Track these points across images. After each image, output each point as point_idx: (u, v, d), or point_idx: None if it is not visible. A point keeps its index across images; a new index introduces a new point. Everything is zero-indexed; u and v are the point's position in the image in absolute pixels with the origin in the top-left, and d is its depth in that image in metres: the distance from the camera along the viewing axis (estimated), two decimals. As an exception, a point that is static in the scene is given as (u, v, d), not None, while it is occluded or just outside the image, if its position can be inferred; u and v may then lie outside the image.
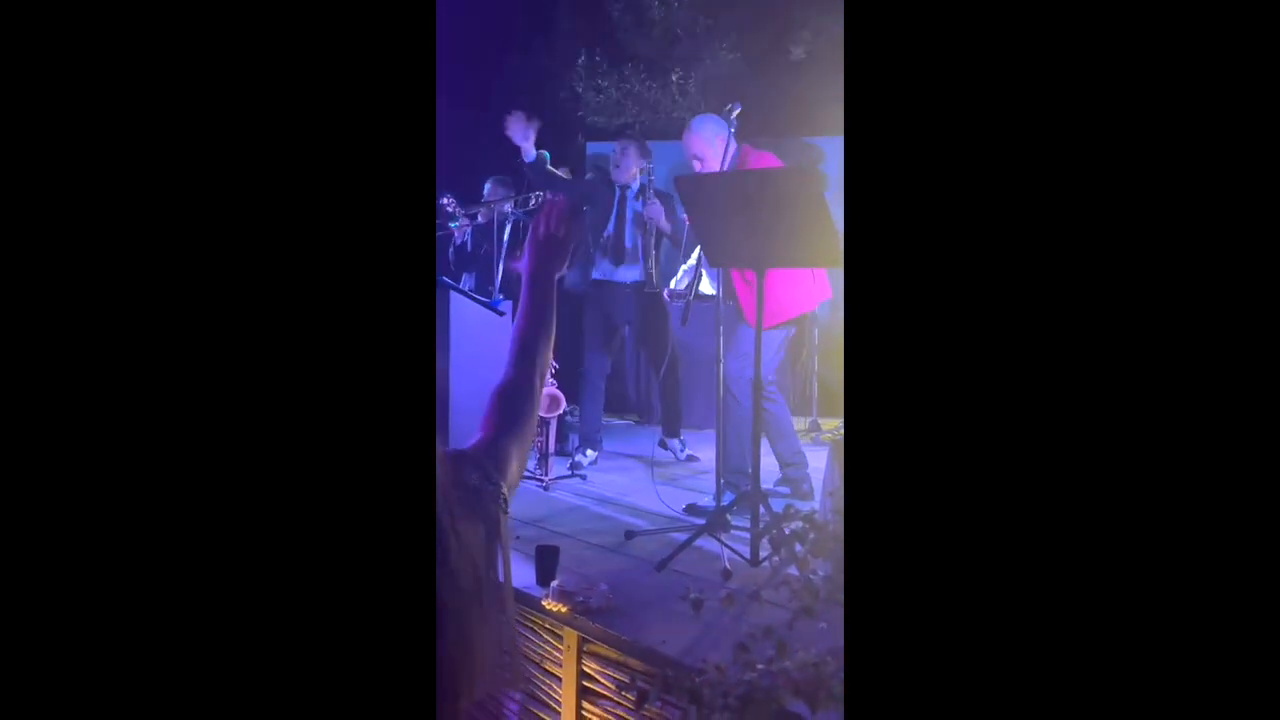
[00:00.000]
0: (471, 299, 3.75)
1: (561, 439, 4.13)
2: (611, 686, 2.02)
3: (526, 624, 2.27)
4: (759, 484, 2.71)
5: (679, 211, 3.42)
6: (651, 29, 5.90)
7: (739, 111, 3.07)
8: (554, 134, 4.02)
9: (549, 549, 2.39)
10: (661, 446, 4.23)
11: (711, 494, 3.17)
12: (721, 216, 2.69)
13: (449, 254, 4.75)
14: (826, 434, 4.57)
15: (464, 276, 4.67)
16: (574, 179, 4.38)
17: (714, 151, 3.22)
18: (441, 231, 4.28)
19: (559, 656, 2.15)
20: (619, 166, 4.02)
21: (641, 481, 3.69)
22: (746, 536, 2.61)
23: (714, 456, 3.18)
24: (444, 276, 4.04)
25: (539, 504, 3.38)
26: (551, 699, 2.16)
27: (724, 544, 2.57)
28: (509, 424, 1.00)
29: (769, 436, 3.24)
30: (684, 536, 2.68)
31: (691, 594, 2.12)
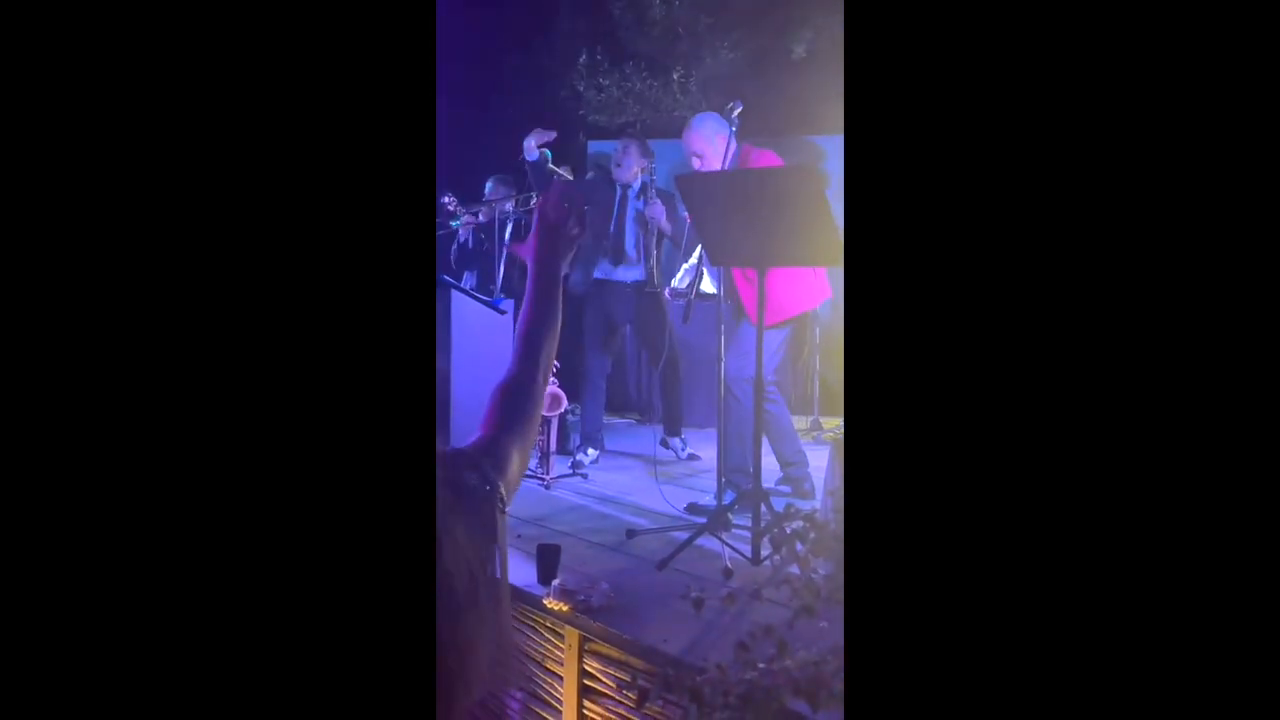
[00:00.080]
0: (473, 298, 3.76)
1: (563, 438, 4.13)
2: (612, 685, 2.02)
3: (528, 623, 2.27)
4: (760, 483, 2.70)
5: (680, 210, 3.43)
6: (652, 27, 5.90)
7: (740, 110, 3.06)
8: (555, 133, 4.02)
9: (550, 548, 2.40)
10: (663, 445, 4.24)
11: (713, 493, 3.17)
12: (722, 215, 2.69)
13: (450, 253, 4.75)
14: (827, 433, 4.57)
15: (465, 275, 4.67)
16: (575, 178, 4.38)
17: (715, 150, 3.22)
18: (443, 230, 4.28)
19: (560, 655, 2.16)
20: (620, 166, 4.02)
21: (642, 480, 3.70)
22: (747, 535, 2.61)
23: (715, 455, 3.18)
24: (445, 275, 4.04)
25: (540, 503, 3.38)
26: (553, 698, 2.17)
27: (725, 543, 2.57)
28: (511, 421, 0.97)
29: (769, 436, 3.24)
30: (685, 535, 2.68)
31: (692, 593, 2.12)
